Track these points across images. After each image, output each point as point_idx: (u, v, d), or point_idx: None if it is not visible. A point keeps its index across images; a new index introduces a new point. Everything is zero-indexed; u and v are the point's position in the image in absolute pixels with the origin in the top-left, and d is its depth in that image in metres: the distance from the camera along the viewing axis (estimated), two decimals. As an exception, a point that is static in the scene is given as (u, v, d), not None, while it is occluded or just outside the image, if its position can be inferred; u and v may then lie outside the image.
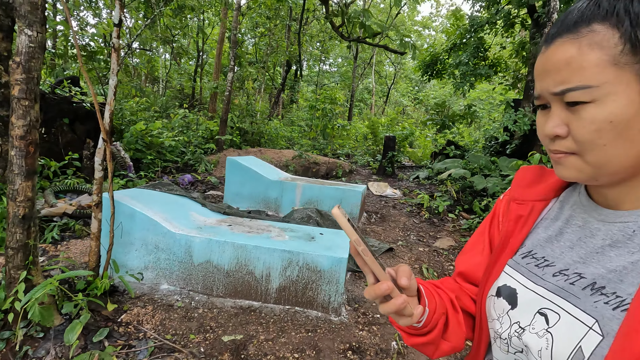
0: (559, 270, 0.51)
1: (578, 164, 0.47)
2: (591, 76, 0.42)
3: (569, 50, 0.44)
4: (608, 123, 0.42)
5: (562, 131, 0.46)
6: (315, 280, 2.39)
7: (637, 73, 0.41)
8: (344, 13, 3.09)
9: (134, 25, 12.25)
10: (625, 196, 0.48)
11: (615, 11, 0.41)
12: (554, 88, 0.46)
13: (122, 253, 2.58)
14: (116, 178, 4.61)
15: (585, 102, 0.43)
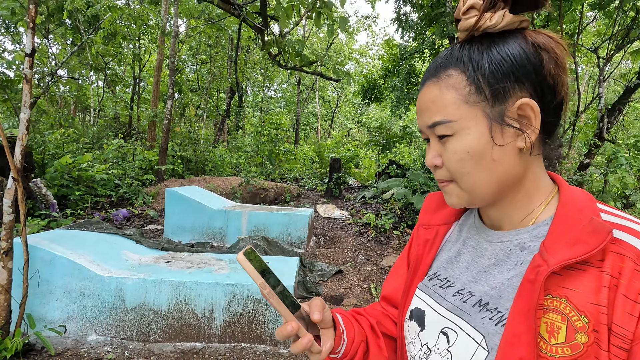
0: (457, 290, 0.55)
1: (456, 190, 0.52)
2: (450, 112, 0.49)
3: (433, 91, 0.50)
4: (466, 153, 0.48)
5: (438, 162, 0.52)
6: (261, 312, 2.31)
7: (484, 110, 0.48)
8: (279, 43, 3.18)
9: (60, 52, 11.47)
10: (504, 217, 0.54)
11: (463, 59, 0.49)
12: (426, 123, 0.52)
13: (40, 304, 2.29)
14: (36, 218, 4.13)
15: (449, 135, 0.49)
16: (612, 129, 7.73)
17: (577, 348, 0.41)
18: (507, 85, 0.47)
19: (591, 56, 10.98)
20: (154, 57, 16.29)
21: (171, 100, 7.74)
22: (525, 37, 0.48)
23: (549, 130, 0.50)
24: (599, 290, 0.41)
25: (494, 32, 0.48)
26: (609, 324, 0.40)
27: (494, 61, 0.47)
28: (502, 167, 0.48)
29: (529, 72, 0.46)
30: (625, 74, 9.85)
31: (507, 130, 0.47)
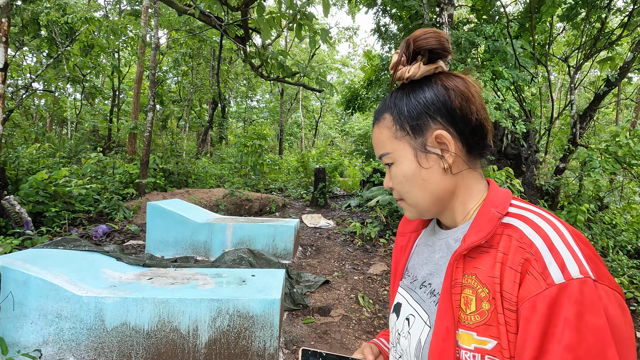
0: (421, 282, 0.66)
1: (406, 206, 0.66)
2: (387, 146, 0.63)
3: (376, 132, 0.66)
4: (403, 177, 0.62)
5: (390, 185, 0.66)
6: (248, 327, 2.26)
7: (409, 142, 0.61)
8: (261, 55, 3.19)
9: (35, 65, 11.19)
10: (449, 220, 0.65)
11: (390, 104, 0.63)
12: (377, 155, 0.66)
13: (13, 329, 2.17)
14: (9, 238, 3.95)
15: (391, 163, 0.63)
16: (585, 134, 8.05)
17: (484, 314, 0.51)
18: (422, 122, 0.60)
19: (562, 65, 11.48)
20: (133, 69, 16.07)
21: (152, 112, 7.63)
22: (437, 81, 0.61)
23: (472, 148, 0.61)
24: (494, 265, 0.52)
25: (416, 79, 0.61)
26: (501, 292, 0.50)
27: (411, 105, 0.60)
28: (431, 184, 0.61)
29: (439, 108, 0.59)
30: (594, 81, 10.33)
31: (430, 156, 0.60)
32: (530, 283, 0.48)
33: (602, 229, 5.90)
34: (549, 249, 0.49)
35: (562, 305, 0.45)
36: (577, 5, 7.64)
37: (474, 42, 6.71)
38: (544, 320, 0.45)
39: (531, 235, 0.51)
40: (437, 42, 0.59)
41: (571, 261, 0.48)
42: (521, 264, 0.49)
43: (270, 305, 2.28)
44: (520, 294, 0.48)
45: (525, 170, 6.33)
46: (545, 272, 0.47)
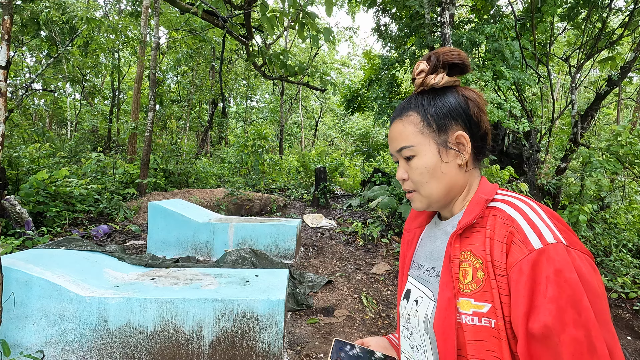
0: (425, 268, 0.76)
1: (418, 197, 0.74)
2: (411, 140, 0.71)
3: (399, 126, 0.73)
4: (424, 169, 0.71)
5: (405, 176, 0.74)
6: (252, 327, 2.24)
7: (433, 138, 0.70)
8: (264, 54, 3.17)
9: (34, 65, 11.16)
10: (447, 212, 0.77)
11: (418, 105, 0.72)
12: (396, 148, 0.74)
13: (15, 329, 2.15)
14: (10, 238, 3.93)
15: (412, 156, 0.72)
16: (586, 134, 8.04)
17: (479, 282, 0.61)
18: (447, 122, 0.70)
19: (562, 65, 11.48)
20: (133, 69, 16.04)
21: (153, 112, 7.60)
22: (458, 91, 0.72)
23: (479, 151, 0.73)
24: (485, 240, 0.63)
25: (438, 87, 0.71)
26: (492, 261, 0.60)
27: (438, 106, 0.70)
28: (447, 177, 0.71)
29: (460, 113, 0.70)
30: (595, 81, 10.33)
31: (450, 152, 0.70)
32: (516, 251, 0.59)
33: (604, 228, 5.89)
34: (527, 223, 0.60)
35: (542, 266, 0.55)
36: (578, 5, 7.63)
37: (475, 42, 6.70)
38: (529, 279, 0.56)
39: (512, 213, 0.63)
40: (459, 60, 0.71)
41: (546, 231, 0.59)
42: (506, 237, 0.60)
43: (275, 306, 2.26)
44: (508, 261, 0.59)
45: (527, 170, 6.32)
46: (526, 240, 0.58)
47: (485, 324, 0.60)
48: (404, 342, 0.78)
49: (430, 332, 0.67)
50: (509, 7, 8.99)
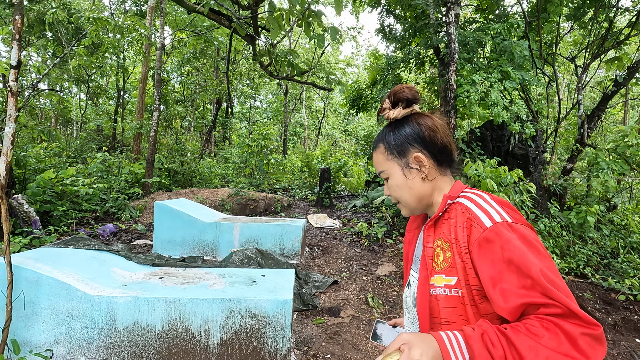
0: (419, 259, 0.92)
1: (401, 206, 0.95)
2: (382, 166, 0.93)
3: (375, 156, 0.96)
4: (396, 187, 0.92)
5: (388, 193, 0.97)
6: (260, 327, 2.24)
7: (397, 162, 0.91)
8: (271, 53, 3.17)
9: (40, 64, 11.22)
10: (431, 213, 0.94)
11: (382, 137, 0.93)
12: (377, 172, 0.97)
13: (25, 328, 2.16)
14: (18, 236, 3.95)
15: (387, 178, 0.94)
16: (592, 135, 7.99)
17: (448, 261, 0.79)
18: (404, 148, 0.90)
19: (568, 65, 11.40)
20: (138, 69, 16.10)
21: (158, 112, 7.63)
22: (413, 119, 0.91)
23: (441, 162, 0.91)
24: (450, 228, 0.81)
25: (399, 118, 0.91)
26: (456, 242, 0.78)
27: (396, 137, 0.91)
28: (415, 189, 0.90)
29: (415, 138, 0.89)
30: (601, 81, 10.24)
31: (412, 170, 0.90)
32: (474, 231, 0.76)
33: (611, 229, 5.84)
34: (480, 209, 0.79)
35: (494, 239, 0.73)
36: (584, 5, 7.57)
37: (481, 42, 6.67)
38: (487, 251, 0.73)
39: (468, 204, 0.81)
40: (411, 94, 0.89)
41: (494, 213, 0.77)
42: (465, 222, 0.78)
43: (282, 306, 2.26)
44: (470, 240, 0.76)
45: (533, 171, 6.27)
46: (480, 222, 0.76)
47: (454, 294, 0.77)
48: (406, 320, 1.00)
49: (415, 305, 0.88)
50: (514, 7, 8.95)
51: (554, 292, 0.65)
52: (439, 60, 7.89)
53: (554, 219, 5.76)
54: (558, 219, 5.71)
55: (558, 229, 5.36)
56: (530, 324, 0.66)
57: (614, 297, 4.17)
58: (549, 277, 0.67)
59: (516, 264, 0.68)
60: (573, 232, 5.57)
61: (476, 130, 6.43)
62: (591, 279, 4.64)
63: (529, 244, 0.71)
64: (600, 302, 4.08)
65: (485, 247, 0.73)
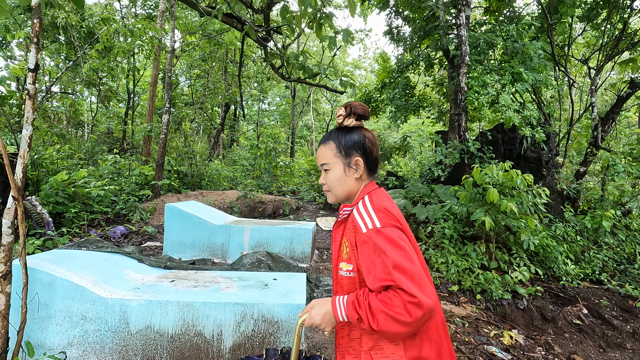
0: None
1: (331, 195, 1.21)
2: (328, 159, 1.17)
3: (322, 149, 1.19)
4: (335, 179, 1.17)
5: (324, 181, 1.20)
6: (272, 332, 2.22)
7: (341, 160, 1.16)
8: (282, 55, 3.17)
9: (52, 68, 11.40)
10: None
11: (335, 137, 1.18)
12: (319, 163, 1.20)
13: (39, 330, 2.17)
14: (31, 238, 3.99)
15: (328, 169, 1.18)
16: (607, 138, 7.84)
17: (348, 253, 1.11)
18: (351, 151, 1.15)
19: (580, 67, 11.23)
20: (148, 72, 16.29)
21: (168, 114, 7.69)
22: (360, 131, 1.18)
23: (371, 169, 1.19)
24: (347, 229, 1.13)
25: (350, 126, 1.16)
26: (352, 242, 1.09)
27: (347, 140, 1.16)
28: (348, 184, 1.17)
29: (360, 146, 1.16)
30: (615, 83, 10.06)
31: (350, 169, 1.16)
32: (357, 235, 1.06)
33: (627, 235, 5.71)
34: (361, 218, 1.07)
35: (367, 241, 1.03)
36: (597, 6, 7.45)
37: (492, 44, 6.60)
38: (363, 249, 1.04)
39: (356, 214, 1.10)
40: (363, 112, 1.17)
41: (369, 221, 1.04)
42: (353, 228, 1.09)
43: (296, 311, 2.23)
44: (355, 241, 1.07)
45: (545, 174, 6.17)
46: (360, 229, 1.05)
47: (352, 275, 1.11)
48: None
49: None
50: (524, 9, 8.85)
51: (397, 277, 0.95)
52: (449, 62, 7.83)
53: (567, 223, 5.65)
54: (572, 224, 5.60)
55: (572, 234, 5.26)
56: (384, 294, 0.97)
57: (631, 304, 4.06)
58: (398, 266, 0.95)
59: (379, 259, 0.99)
60: (587, 237, 5.46)
61: (487, 133, 6.36)
62: (607, 285, 4.53)
63: (390, 242, 0.99)
64: (618, 310, 3.98)
65: (362, 246, 1.04)
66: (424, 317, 0.91)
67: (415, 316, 0.90)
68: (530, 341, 3.08)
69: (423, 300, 0.90)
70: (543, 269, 4.65)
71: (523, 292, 3.89)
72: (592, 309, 3.88)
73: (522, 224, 4.34)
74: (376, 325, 0.95)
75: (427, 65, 8.94)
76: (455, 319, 3.28)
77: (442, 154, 6.13)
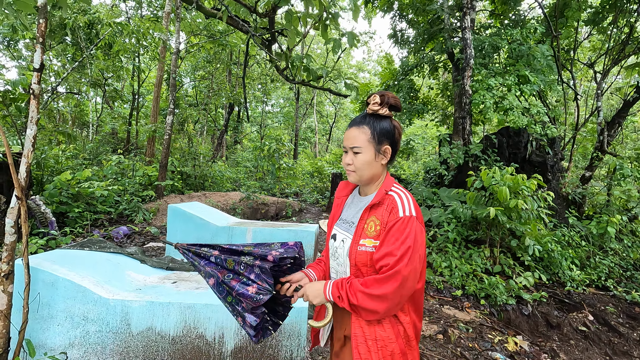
0: (349, 222, 1.30)
1: (355, 175, 1.26)
2: (361, 143, 1.22)
3: (356, 132, 1.24)
4: (364, 162, 1.23)
5: (350, 162, 1.25)
6: (274, 336, 2.19)
7: (374, 146, 1.22)
8: (287, 57, 3.17)
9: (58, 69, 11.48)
10: (366, 190, 1.32)
11: (370, 123, 1.23)
12: (350, 145, 1.24)
13: (40, 330, 2.16)
14: (35, 237, 4.00)
15: (359, 153, 1.22)
16: (613, 142, 7.77)
17: (377, 231, 1.18)
18: (383, 138, 1.22)
19: (585, 71, 11.16)
20: (152, 73, 16.37)
21: (172, 115, 7.71)
22: (392, 121, 1.25)
23: (391, 159, 1.27)
24: (383, 211, 1.19)
25: (382, 115, 1.22)
26: (384, 222, 1.17)
27: (381, 127, 1.22)
28: (375, 169, 1.24)
29: (390, 135, 1.23)
30: (620, 87, 9.99)
31: (379, 156, 1.23)
32: (392, 216, 1.15)
33: (634, 241, 5.64)
34: (401, 203, 1.16)
35: (401, 222, 1.13)
36: (603, 10, 7.41)
37: (497, 47, 6.57)
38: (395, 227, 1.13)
39: (396, 198, 1.18)
40: (395, 103, 1.23)
41: (407, 209, 1.15)
42: (391, 209, 1.16)
43: (298, 314, 2.21)
44: (389, 219, 1.15)
45: (551, 179, 6.12)
46: (397, 212, 1.14)
47: (373, 250, 1.17)
48: (333, 262, 1.35)
49: (348, 256, 1.24)
50: (529, 12, 8.81)
51: (399, 263, 1.09)
52: (454, 65, 7.81)
53: (572, 228, 5.59)
54: (577, 229, 5.54)
55: (577, 239, 5.20)
56: (368, 278, 1.15)
57: (638, 311, 4.01)
58: (406, 255, 1.10)
59: (400, 240, 1.11)
60: (593, 242, 5.40)
61: (492, 136, 6.32)
62: (613, 291, 4.47)
63: (414, 234, 1.12)
64: (624, 316, 3.93)
65: (394, 226, 1.13)
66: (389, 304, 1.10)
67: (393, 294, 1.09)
68: (535, 348, 3.03)
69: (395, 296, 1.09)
70: (548, 275, 4.60)
71: (528, 297, 3.84)
72: (598, 316, 3.83)
73: (527, 229, 4.30)
74: (356, 301, 1.12)
75: (431, 69, 8.93)
76: (459, 324, 3.25)
77: (448, 153, 6.09)
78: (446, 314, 3.46)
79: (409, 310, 1.23)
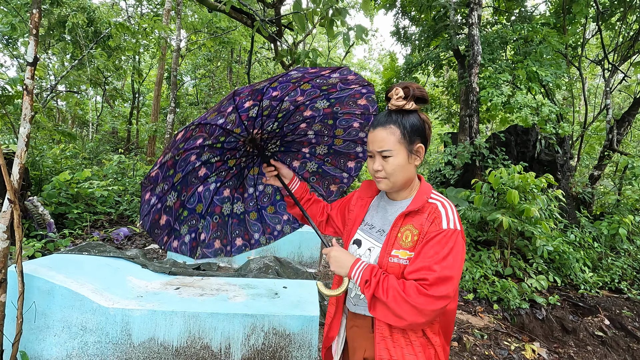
0: (377, 229, 1.17)
1: (387, 182, 1.12)
2: (391, 145, 1.07)
3: (383, 133, 1.08)
4: (397, 165, 1.08)
5: (380, 167, 1.10)
6: (284, 346, 2.07)
7: (405, 147, 1.07)
8: (292, 53, 3.05)
9: (59, 67, 11.35)
10: (398, 196, 1.18)
11: (397, 121, 1.07)
12: (378, 149, 1.09)
13: (36, 341, 2.04)
14: (32, 240, 3.88)
15: (389, 156, 1.08)
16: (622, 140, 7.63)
17: (414, 241, 1.05)
18: (414, 137, 1.08)
19: (592, 68, 11.01)
20: (153, 72, 16.24)
21: (173, 114, 7.58)
22: (419, 115, 1.10)
23: None
24: (423, 220, 1.06)
25: (408, 109, 1.07)
26: (425, 231, 1.04)
27: (410, 124, 1.07)
28: (408, 172, 1.11)
29: (421, 131, 1.09)
30: (629, 85, 9.84)
31: (412, 156, 1.09)
32: (434, 226, 1.03)
33: (646, 241, 5.50)
34: (445, 215, 1.05)
35: (444, 236, 1.01)
36: (611, 6, 7.26)
37: (507, 41, 6.43)
38: (437, 239, 1.01)
39: (440, 209, 1.06)
40: (421, 94, 1.06)
41: (452, 222, 1.04)
42: (433, 219, 1.05)
43: (309, 323, 2.09)
44: (429, 230, 1.04)
45: (560, 178, 5.98)
46: (441, 224, 1.03)
47: (406, 263, 1.04)
48: None
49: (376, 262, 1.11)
50: (535, 9, 8.67)
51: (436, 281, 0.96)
52: (459, 62, 7.67)
53: (583, 229, 5.46)
54: (588, 229, 5.41)
55: (590, 240, 5.07)
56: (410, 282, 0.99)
57: (655, 315, 3.88)
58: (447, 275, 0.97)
59: (440, 255, 0.98)
60: (604, 243, 5.27)
61: (500, 135, 6.18)
62: (627, 294, 4.34)
63: (456, 249, 1.00)
64: (641, 320, 3.80)
65: (435, 237, 1.01)
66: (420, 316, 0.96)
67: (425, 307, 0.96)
68: (555, 356, 2.91)
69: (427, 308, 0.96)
70: (560, 277, 4.47)
71: (541, 301, 3.71)
72: (614, 320, 3.70)
73: (538, 230, 4.17)
74: (385, 297, 0.99)
75: (436, 66, 8.78)
76: (474, 331, 3.12)
77: (452, 154, 5.96)
78: (459, 320, 3.33)
79: (439, 332, 1.10)
